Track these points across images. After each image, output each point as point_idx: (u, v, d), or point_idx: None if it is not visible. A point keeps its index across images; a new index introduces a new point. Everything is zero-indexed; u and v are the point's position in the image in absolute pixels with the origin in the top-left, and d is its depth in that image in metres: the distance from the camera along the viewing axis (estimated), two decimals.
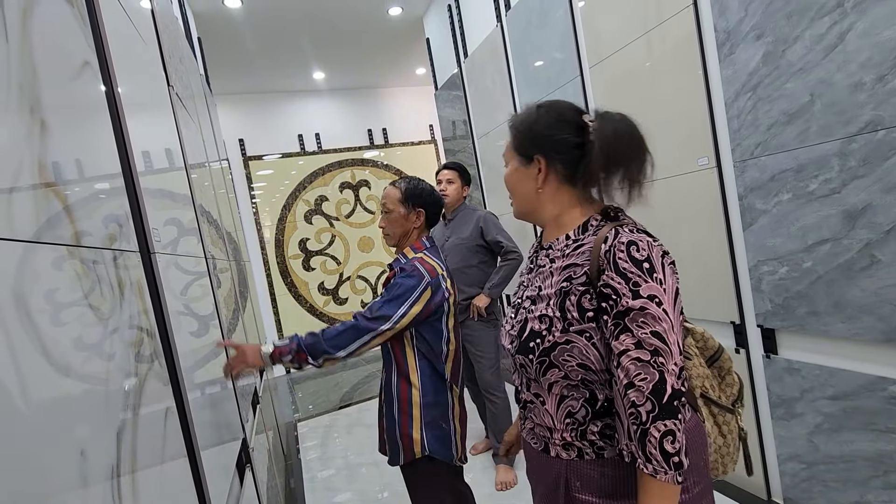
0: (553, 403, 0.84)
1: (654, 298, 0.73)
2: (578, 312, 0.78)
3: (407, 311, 1.29)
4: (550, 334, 0.81)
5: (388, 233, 1.48)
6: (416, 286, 1.30)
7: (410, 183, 1.47)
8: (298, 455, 3.01)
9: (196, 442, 0.89)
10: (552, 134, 0.85)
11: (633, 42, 2.01)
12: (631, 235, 0.77)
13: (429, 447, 1.34)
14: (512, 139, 0.91)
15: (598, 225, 0.84)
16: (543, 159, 0.85)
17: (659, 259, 0.76)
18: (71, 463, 0.47)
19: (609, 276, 0.75)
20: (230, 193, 3.06)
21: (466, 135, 3.64)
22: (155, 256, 0.88)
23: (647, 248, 0.76)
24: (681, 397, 0.72)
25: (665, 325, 0.73)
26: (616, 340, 0.74)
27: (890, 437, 1.37)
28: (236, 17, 3.47)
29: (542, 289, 0.85)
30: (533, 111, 0.88)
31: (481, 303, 2.26)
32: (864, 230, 1.33)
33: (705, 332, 0.96)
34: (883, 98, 1.25)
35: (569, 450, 0.84)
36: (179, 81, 1.64)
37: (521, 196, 0.91)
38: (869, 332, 1.37)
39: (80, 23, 0.76)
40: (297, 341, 1.28)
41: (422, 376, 1.37)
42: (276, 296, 5.00)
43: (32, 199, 0.51)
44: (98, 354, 0.58)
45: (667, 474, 0.70)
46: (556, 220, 0.88)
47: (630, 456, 0.74)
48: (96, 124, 0.76)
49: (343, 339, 1.27)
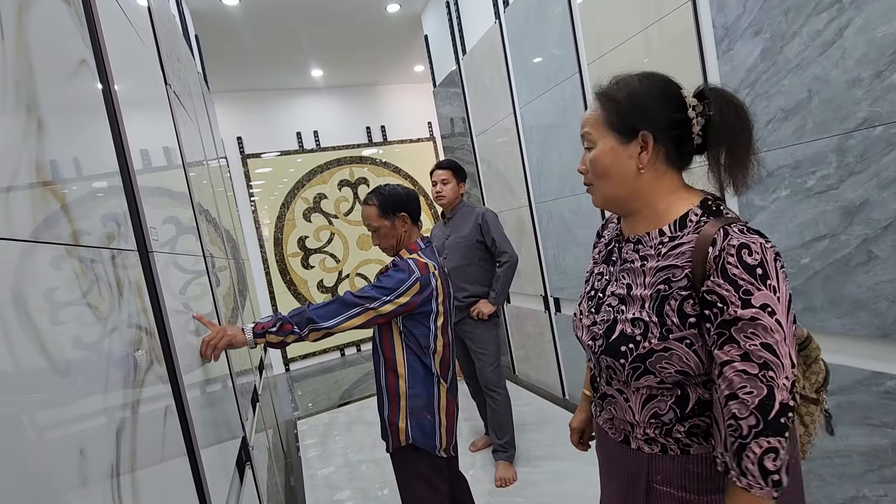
0: (638, 402, 0.79)
1: (766, 308, 0.66)
2: (679, 318, 0.72)
3: (393, 298, 1.34)
4: (646, 341, 0.74)
5: (384, 247, 1.52)
6: (405, 279, 1.35)
7: (381, 194, 1.49)
8: (298, 453, 3.02)
9: (196, 440, 0.89)
10: (660, 106, 0.75)
11: (632, 38, 2.00)
12: (742, 237, 0.69)
13: (412, 436, 1.40)
14: (607, 113, 0.79)
15: (699, 221, 0.76)
16: (651, 135, 0.76)
17: (773, 264, 0.69)
18: (70, 462, 0.47)
19: (715, 281, 0.69)
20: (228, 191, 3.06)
21: (465, 132, 3.64)
22: (153, 255, 0.88)
23: (761, 251, 0.69)
24: (790, 413, 0.66)
25: (777, 336, 0.66)
26: (720, 350, 0.69)
27: (885, 432, 1.38)
28: (234, 14, 3.45)
29: (632, 288, 0.79)
30: (634, 80, 0.78)
31: (487, 310, 2.31)
32: (861, 226, 1.34)
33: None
34: (880, 94, 1.25)
35: (652, 445, 0.79)
36: (177, 79, 1.63)
37: (617, 178, 0.79)
38: (865, 327, 1.37)
39: (77, 21, 0.76)
40: (282, 315, 1.32)
41: (408, 369, 1.42)
42: (275, 294, 4.99)
43: (30, 198, 0.51)
44: (97, 353, 0.58)
45: (762, 489, 0.66)
46: (652, 209, 0.80)
47: (723, 466, 0.70)
48: (93, 123, 0.76)
49: (328, 311, 1.32)
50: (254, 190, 4.98)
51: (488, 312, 2.30)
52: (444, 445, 1.45)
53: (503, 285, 2.31)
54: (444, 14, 3.58)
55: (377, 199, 1.49)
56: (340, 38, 4.16)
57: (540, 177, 2.83)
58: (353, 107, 5.42)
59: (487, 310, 2.30)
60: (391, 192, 1.49)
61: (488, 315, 2.31)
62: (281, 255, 5.04)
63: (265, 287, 4.95)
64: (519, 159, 2.99)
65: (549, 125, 2.66)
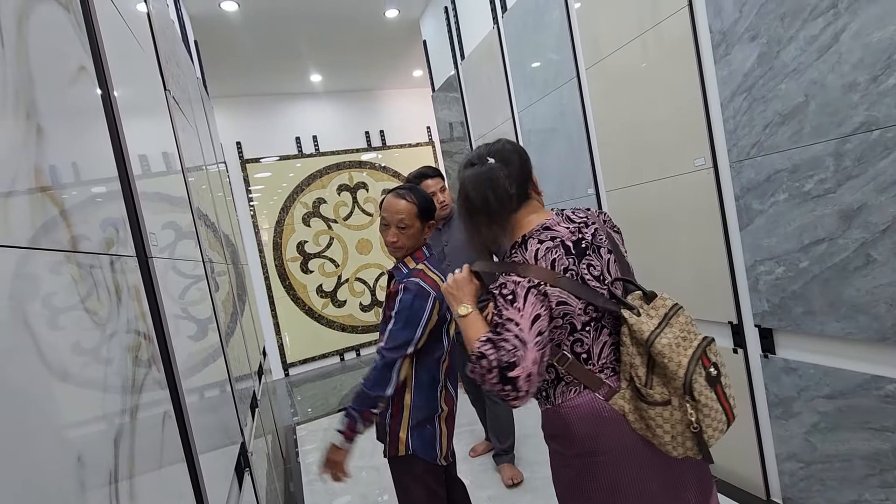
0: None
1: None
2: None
3: (424, 330, 1.34)
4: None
5: (401, 246, 1.44)
6: (425, 306, 1.33)
7: (418, 195, 1.45)
8: (298, 458, 3.00)
9: (194, 446, 0.89)
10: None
11: (630, 43, 2.01)
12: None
13: (412, 446, 1.39)
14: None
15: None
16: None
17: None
18: (68, 469, 0.47)
19: None
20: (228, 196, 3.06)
21: (464, 136, 3.64)
22: (152, 261, 0.88)
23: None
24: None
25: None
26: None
27: (885, 436, 1.38)
28: (233, 20, 3.47)
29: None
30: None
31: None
32: (859, 230, 1.34)
33: (641, 321, 0.93)
34: (876, 99, 1.25)
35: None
36: (176, 85, 1.64)
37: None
38: (864, 331, 1.37)
39: (77, 28, 0.76)
40: (352, 410, 1.33)
41: (416, 381, 1.40)
42: (274, 299, 4.99)
43: (29, 204, 0.51)
44: (95, 359, 0.58)
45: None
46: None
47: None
48: (93, 129, 0.76)
49: (382, 379, 1.31)
50: (253, 195, 4.98)
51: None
52: (444, 454, 1.44)
53: None
54: (443, 19, 3.60)
55: (416, 198, 1.44)
56: (339, 43, 4.18)
57: (539, 181, 2.83)
58: (352, 111, 5.43)
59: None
60: (427, 198, 1.46)
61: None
62: (280, 259, 5.03)
63: (264, 292, 4.94)
64: None
65: (548, 129, 2.67)
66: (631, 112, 2.07)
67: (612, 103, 2.18)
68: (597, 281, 1.00)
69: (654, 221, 2.04)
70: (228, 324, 1.70)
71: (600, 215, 1.11)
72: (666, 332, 0.92)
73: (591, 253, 1.01)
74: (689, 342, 0.92)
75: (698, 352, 0.90)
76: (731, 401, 0.93)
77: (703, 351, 0.91)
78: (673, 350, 0.90)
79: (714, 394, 0.90)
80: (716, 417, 0.89)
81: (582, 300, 0.97)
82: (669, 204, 1.95)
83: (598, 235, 1.04)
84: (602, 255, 1.03)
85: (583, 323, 0.98)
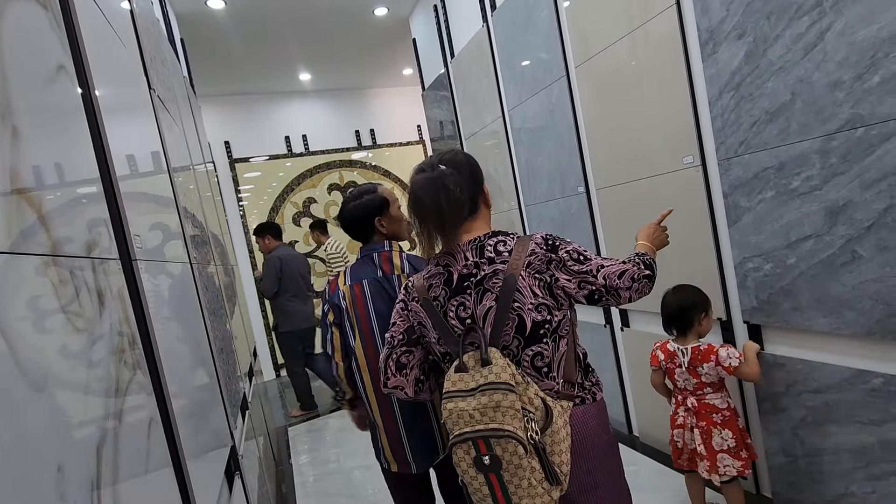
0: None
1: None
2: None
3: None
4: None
5: (390, 233, 1.47)
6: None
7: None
8: (290, 460, 2.99)
9: (182, 451, 0.88)
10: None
11: (618, 41, 2.02)
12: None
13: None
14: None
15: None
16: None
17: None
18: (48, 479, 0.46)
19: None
20: (216, 196, 3.02)
21: (454, 135, 3.64)
22: (136, 263, 0.86)
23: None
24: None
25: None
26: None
27: (871, 429, 1.40)
28: (220, 18, 3.43)
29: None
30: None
31: None
32: (844, 226, 1.35)
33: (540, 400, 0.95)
34: (861, 97, 1.27)
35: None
36: (161, 84, 1.61)
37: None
38: (850, 326, 1.39)
39: (55, 27, 0.74)
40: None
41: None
42: (264, 300, 4.95)
43: (4, 207, 0.50)
44: (77, 365, 0.57)
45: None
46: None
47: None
48: (72, 129, 0.74)
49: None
50: (242, 195, 4.93)
51: None
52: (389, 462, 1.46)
53: None
54: (432, 17, 3.58)
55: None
56: (328, 42, 4.15)
57: (529, 179, 2.84)
58: (341, 110, 5.40)
59: None
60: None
61: None
62: None
63: (255, 293, 4.90)
64: (508, 162, 2.99)
65: (538, 127, 2.67)
66: (620, 110, 2.07)
67: (601, 101, 2.18)
68: (459, 321, 1.03)
69: (643, 219, 2.05)
70: (217, 325, 1.68)
71: (539, 244, 1.03)
72: (469, 400, 0.91)
73: (469, 293, 1.03)
74: (477, 422, 0.89)
75: (477, 435, 0.88)
76: (518, 499, 0.89)
77: (487, 439, 0.87)
78: (455, 418, 0.92)
79: (486, 479, 0.89)
80: (485, 501, 0.91)
81: (436, 331, 1.06)
82: (659, 202, 1.96)
83: (492, 279, 1.01)
84: (484, 299, 1.01)
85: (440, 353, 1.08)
